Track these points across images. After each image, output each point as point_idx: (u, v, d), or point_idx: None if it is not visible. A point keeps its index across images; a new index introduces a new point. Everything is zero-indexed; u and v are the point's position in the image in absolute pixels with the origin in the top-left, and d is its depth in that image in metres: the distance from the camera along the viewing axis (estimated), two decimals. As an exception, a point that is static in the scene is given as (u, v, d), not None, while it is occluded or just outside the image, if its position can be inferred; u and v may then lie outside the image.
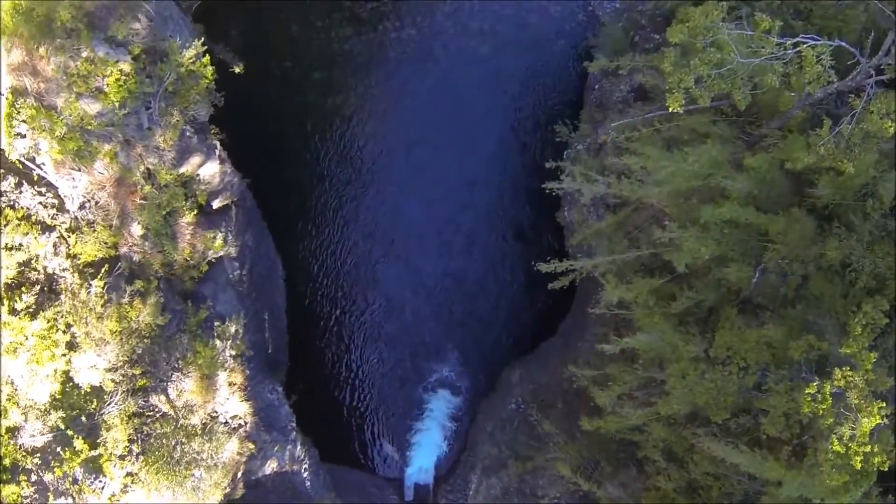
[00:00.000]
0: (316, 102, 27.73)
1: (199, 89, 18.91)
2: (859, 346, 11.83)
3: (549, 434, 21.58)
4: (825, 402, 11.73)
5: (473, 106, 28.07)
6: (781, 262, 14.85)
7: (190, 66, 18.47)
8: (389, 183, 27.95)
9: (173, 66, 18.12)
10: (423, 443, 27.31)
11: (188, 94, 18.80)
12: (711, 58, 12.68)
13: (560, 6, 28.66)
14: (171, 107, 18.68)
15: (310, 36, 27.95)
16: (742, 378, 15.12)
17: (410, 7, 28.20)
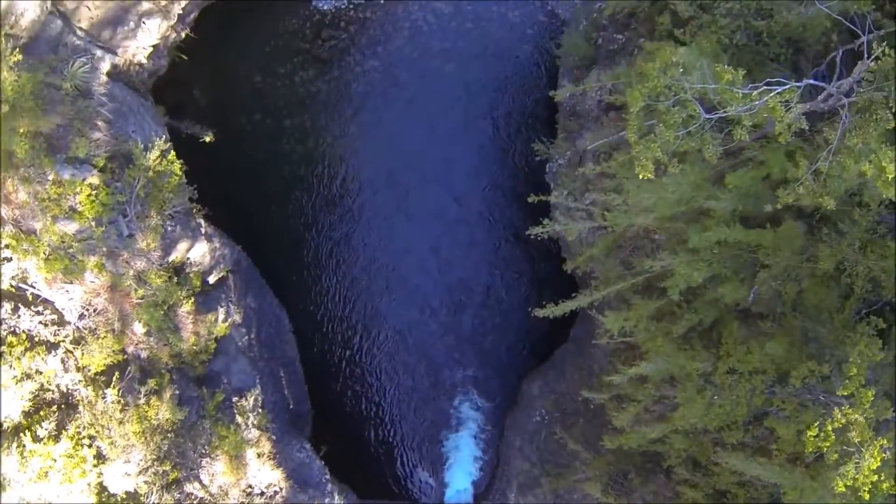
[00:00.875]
0: (292, 150, 27.68)
1: (170, 187, 18.98)
2: (856, 385, 11.97)
3: (575, 451, 21.96)
4: (829, 439, 11.94)
5: (448, 124, 27.93)
6: (774, 285, 14.91)
7: (157, 166, 18.50)
8: (377, 214, 27.99)
9: (140, 171, 18.18)
10: (456, 463, 27.84)
11: (161, 194, 18.87)
12: (676, 118, 12.54)
13: (518, 11, 28.24)
14: (148, 208, 18.79)
15: (274, 84, 27.75)
16: (750, 399, 15.33)
17: (368, 38, 27.90)
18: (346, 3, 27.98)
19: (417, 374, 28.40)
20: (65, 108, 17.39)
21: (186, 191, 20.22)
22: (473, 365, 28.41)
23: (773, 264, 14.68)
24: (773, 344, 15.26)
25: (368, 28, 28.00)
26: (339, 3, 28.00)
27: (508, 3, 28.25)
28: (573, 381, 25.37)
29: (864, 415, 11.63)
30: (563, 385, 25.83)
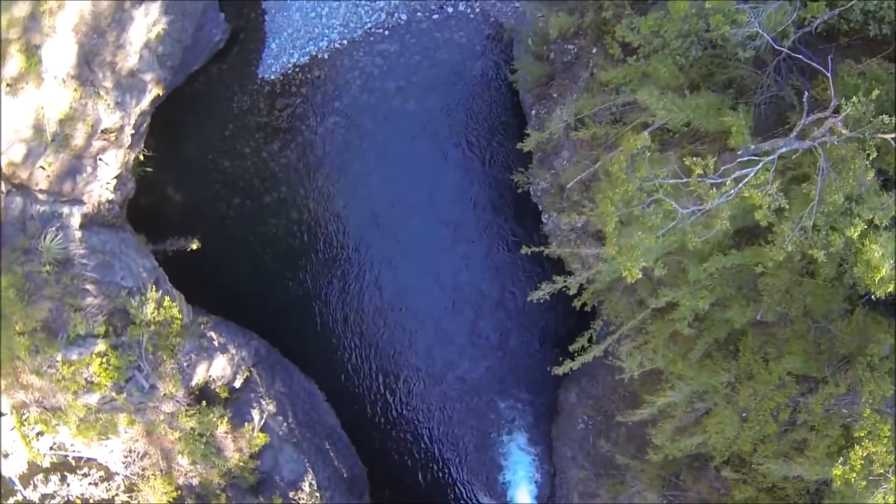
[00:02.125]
0: (278, 224, 27.72)
1: (175, 331, 19.23)
2: (872, 423, 12.13)
3: (625, 464, 22.46)
4: (855, 469, 12.18)
5: (423, 158, 27.80)
6: (779, 309, 14.99)
7: (156, 318, 18.73)
8: (376, 262, 28.08)
9: (142, 328, 18.43)
10: (515, 482, 28.50)
11: (168, 340, 19.14)
12: (655, 222, 12.43)
13: (463, 31, 27.74)
14: (160, 357, 19.09)
15: (244, 165, 27.66)
16: (777, 415, 15.58)
17: (323, 96, 27.60)
18: (291, 67, 27.61)
19: (456, 407, 28.86)
20: (52, 290, 17.56)
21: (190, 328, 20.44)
22: (506, 383, 28.82)
23: (772, 289, 14.72)
24: (791, 358, 15.43)
25: (320, 86, 27.68)
26: (283, 68, 27.64)
27: (451, 27, 27.76)
28: (607, 384, 25.77)
29: (885, 447, 11.86)
30: (598, 389, 26.23)
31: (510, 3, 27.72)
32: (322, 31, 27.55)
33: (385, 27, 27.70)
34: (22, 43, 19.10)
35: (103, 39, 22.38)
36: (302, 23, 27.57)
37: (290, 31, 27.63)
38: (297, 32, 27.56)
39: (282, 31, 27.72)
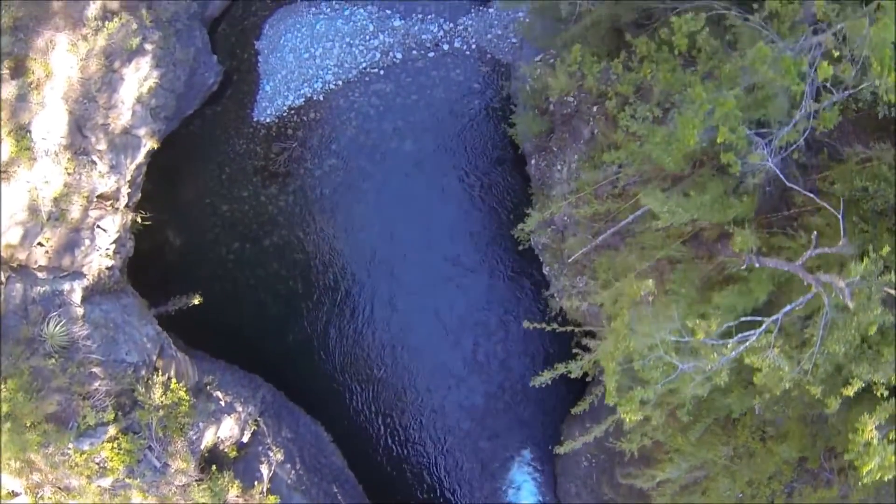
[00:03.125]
0: (279, 268, 27.69)
1: (183, 411, 19.35)
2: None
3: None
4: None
5: (421, 198, 27.63)
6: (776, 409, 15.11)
7: (164, 401, 18.85)
8: (379, 301, 28.06)
9: (151, 413, 18.55)
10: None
11: (177, 420, 19.28)
12: (655, 375, 12.44)
13: (459, 69, 27.37)
14: (170, 437, 19.25)
15: (242, 209, 27.51)
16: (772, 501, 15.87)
17: (319, 138, 27.33)
18: (286, 109, 27.28)
19: (456, 438, 29.15)
20: (59, 381, 17.62)
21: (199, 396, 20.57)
22: (509, 415, 29.11)
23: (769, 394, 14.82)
24: (786, 446, 15.63)
25: (316, 128, 27.39)
26: (278, 111, 27.31)
27: (447, 64, 27.38)
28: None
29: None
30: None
31: (507, 40, 27.31)
32: (316, 72, 27.16)
33: (380, 66, 27.31)
34: (11, 126, 18.83)
35: (94, 104, 22.07)
36: (296, 64, 27.16)
37: (283, 73, 27.24)
38: (290, 74, 27.16)
39: (275, 73, 27.33)
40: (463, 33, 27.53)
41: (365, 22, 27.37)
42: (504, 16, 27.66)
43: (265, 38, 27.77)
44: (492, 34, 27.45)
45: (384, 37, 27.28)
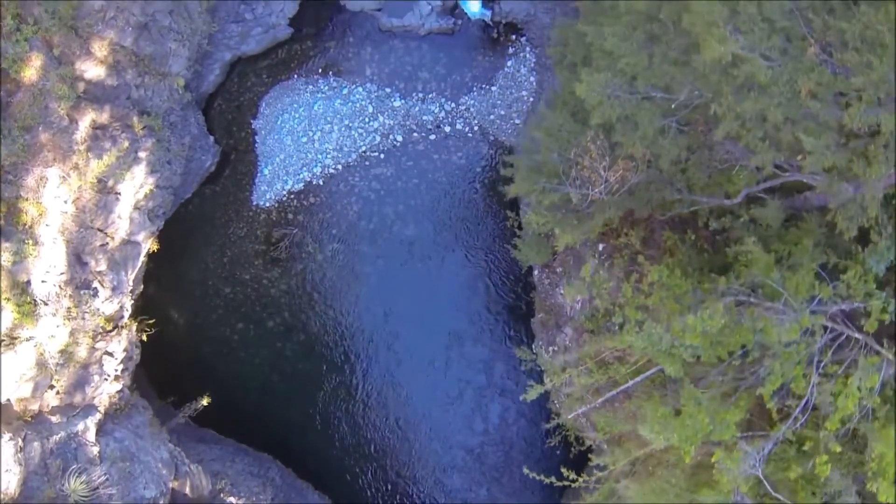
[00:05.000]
0: (283, 348, 28.03)
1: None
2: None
3: None
4: None
5: (423, 281, 27.59)
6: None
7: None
8: (379, 376, 28.35)
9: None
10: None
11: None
12: None
13: (461, 152, 26.84)
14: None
15: (245, 291, 27.60)
16: None
17: (320, 223, 27.10)
18: (285, 194, 26.93)
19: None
20: (81, 540, 18.36)
21: None
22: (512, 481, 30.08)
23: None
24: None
25: (316, 212, 27.12)
26: (277, 195, 26.97)
27: (449, 147, 26.84)
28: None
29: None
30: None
31: (510, 121, 26.69)
32: (315, 156, 26.65)
33: (380, 150, 26.78)
34: (10, 293, 18.76)
35: (91, 230, 21.84)
36: (294, 148, 26.61)
37: (282, 157, 26.72)
38: (289, 158, 26.66)
39: (274, 156, 26.81)
40: (465, 114, 26.84)
41: (364, 102, 26.62)
42: (507, 95, 26.93)
43: (262, 118, 27.07)
44: (494, 115, 26.79)
45: (384, 118, 26.61)
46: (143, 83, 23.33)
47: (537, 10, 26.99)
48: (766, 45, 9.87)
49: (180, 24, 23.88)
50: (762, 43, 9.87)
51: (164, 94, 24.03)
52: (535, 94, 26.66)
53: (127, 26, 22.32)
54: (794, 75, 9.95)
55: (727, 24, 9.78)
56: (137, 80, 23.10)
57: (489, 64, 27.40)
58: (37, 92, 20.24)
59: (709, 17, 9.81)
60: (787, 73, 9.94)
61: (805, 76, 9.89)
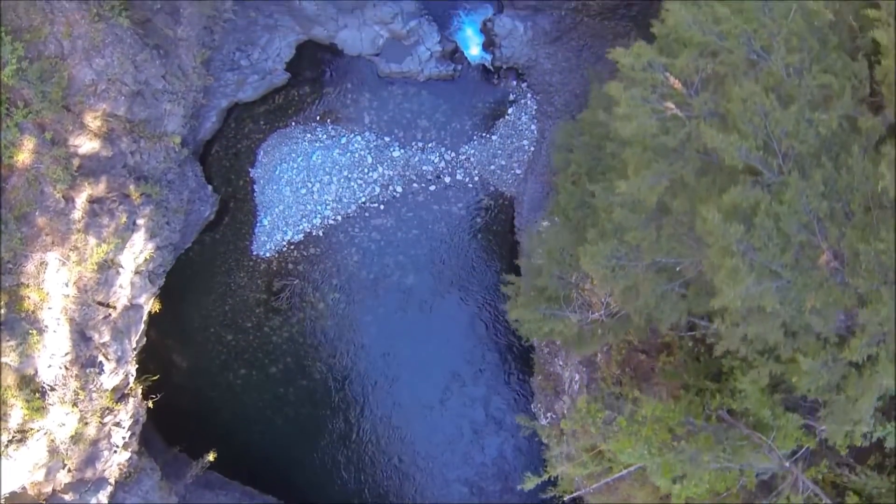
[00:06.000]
0: (286, 392, 28.38)
1: None
2: None
3: None
4: None
5: (424, 330, 27.69)
6: None
7: None
8: (382, 420, 28.73)
9: None
10: None
11: None
12: None
13: (461, 203, 26.63)
14: None
15: (246, 338, 27.81)
16: None
17: (320, 273, 27.11)
18: (285, 244, 26.85)
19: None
20: None
21: None
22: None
23: None
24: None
25: (317, 263, 27.10)
26: (277, 246, 26.90)
27: (449, 198, 26.63)
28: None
29: None
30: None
31: (510, 171, 26.42)
32: (314, 207, 26.47)
33: (380, 201, 26.58)
34: (17, 390, 18.95)
35: (93, 306, 21.89)
36: (293, 199, 26.41)
37: (281, 208, 26.55)
38: (288, 209, 26.49)
39: (273, 207, 26.63)
40: (465, 164, 26.54)
41: (363, 152, 26.30)
42: (508, 144, 26.57)
43: (260, 166, 26.79)
44: (495, 165, 26.49)
45: (383, 169, 26.34)
46: (139, 148, 23.01)
47: (539, 55, 26.40)
48: (780, 261, 9.78)
49: (174, 84, 23.40)
50: (776, 259, 9.78)
51: (161, 155, 23.72)
52: (537, 143, 26.32)
53: (119, 96, 21.88)
54: (801, 292, 9.91)
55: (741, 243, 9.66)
56: (132, 146, 22.78)
57: (490, 111, 26.95)
58: (31, 177, 20.00)
59: (724, 241, 9.68)
60: (796, 290, 9.89)
61: (813, 292, 9.85)
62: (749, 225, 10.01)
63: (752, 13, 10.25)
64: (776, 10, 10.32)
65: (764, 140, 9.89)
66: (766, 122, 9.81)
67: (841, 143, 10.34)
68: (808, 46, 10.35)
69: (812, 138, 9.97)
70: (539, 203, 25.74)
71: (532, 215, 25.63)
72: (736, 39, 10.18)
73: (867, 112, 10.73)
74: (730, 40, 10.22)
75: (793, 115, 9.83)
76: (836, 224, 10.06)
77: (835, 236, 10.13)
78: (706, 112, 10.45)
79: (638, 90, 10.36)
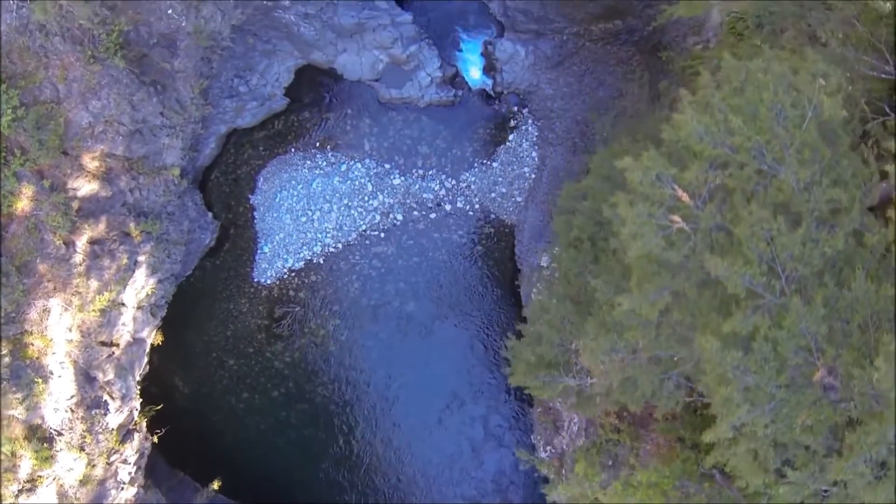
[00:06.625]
0: (289, 416, 28.57)
1: None
2: None
3: None
4: None
5: (424, 356, 27.77)
6: None
7: None
8: (384, 444, 28.89)
9: None
10: None
11: None
12: None
13: (462, 230, 26.57)
14: None
15: (248, 363, 27.95)
16: None
17: (321, 300, 27.14)
18: (286, 272, 26.85)
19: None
20: None
21: None
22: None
23: None
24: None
25: (318, 290, 27.12)
26: (278, 273, 26.90)
27: (449, 226, 26.56)
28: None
29: None
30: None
31: (511, 198, 26.31)
32: (315, 235, 26.41)
33: (380, 229, 26.51)
34: (28, 443, 19.11)
35: (97, 347, 21.98)
36: (293, 227, 26.34)
37: (281, 236, 26.49)
38: (289, 237, 26.44)
39: (273, 235, 26.57)
40: (466, 191, 26.42)
41: (363, 180, 26.15)
42: (509, 171, 26.41)
43: (260, 193, 26.66)
44: (496, 192, 26.37)
45: (384, 197, 26.22)
46: (138, 185, 22.88)
47: (540, 80, 26.12)
48: (775, 383, 9.82)
49: (172, 119, 23.17)
50: (771, 381, 9.82)
51: (160, 189, 23.59)
52: (538, 170, 26.17)
53: (117, 136, 21.70)
54: (794, 410, 9.97)
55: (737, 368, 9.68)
56: (131, 183, 22.65)
57: (490, 137, 26.74)
58: (31, 225, 19.92)
59: (720, 368, 9.69)
60: (789, 408, 9.95)
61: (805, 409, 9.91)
62: (747, 349, 10.02)
63: (765, 122, 10.11)
64: (790, 118, 10.18)
65: (768, 264, 9.85)
66: (773, 246, 9.75)
67: (845, 258, 10.29)
68: (820, 157, 10.24)
69: (817, 258, 9.92)
70: (540, 232, 25.69)
71: (533, 244, 25.61)
72: (748, 153, 10.06)
73: (874, 222, 10.66)
74: (741, 154, 10.11)
75: (799, 237, 9.77)
76: (834, 344, 10.07)
77: (831, 356, 10.14)
78: (712, 225, 10.38)
79: (645, 206, 10.27)
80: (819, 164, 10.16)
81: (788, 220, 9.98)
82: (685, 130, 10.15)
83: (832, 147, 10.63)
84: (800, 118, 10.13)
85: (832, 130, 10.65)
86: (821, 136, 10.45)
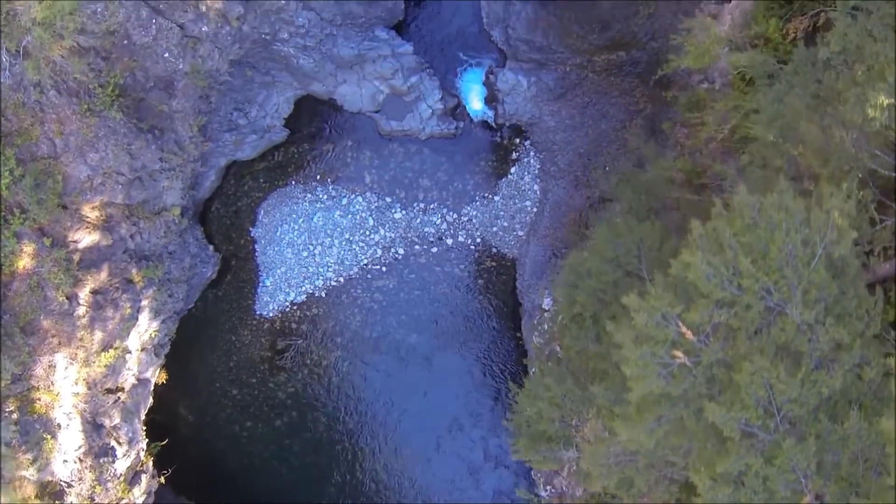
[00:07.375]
0: (292, 444, 28.79)
1: None
2: None
3: None
4: None
5: (426, 387, 27.83)
6: None
7: None
8: (386, 471, 29.35)
9: None
10: None
11: None
12: None
13: (464, 263, 26.50)
14: None
15: (252, 393, 28.17)
16: None
17: (323, 332, 27.21)
18: (288, 305, 26.90)
19: None
20: None
21: None
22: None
23: None
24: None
25: (319, 322, 27.19)
26: (280, 306, 26.94)
27: (451, 260, 26.50)
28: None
29: None
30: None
31: (513, 232, 26.20)
32: (317, 269, 26.39)
33: (382, 263, 26.46)
34: (39, 499, 19.35)
35: (102, 395, 22.14)
36: (295, 261, 26.31)
37: (283, 269, 26.47)
38: (290, 271, 26.42)
39: (275, 268, 26.55)
40: (467, 225, 26.29)
41: (364, 214, 26.02)
42: (511, 205, 26.25)
43: (260, 226, 26.56)
44: (497, 226, 26.25)
45: (385, 231, 26.12)
46: (138, 230, 22.79)
47: (542, 112, 25.81)
48: None
49: (171, 161, 22.98)
50: None
51: (161, 230, 23.51)
52: (539, 203, 26.00)
53: (116, 185, 21.54)
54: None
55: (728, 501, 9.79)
56: (132, 229, 22.55)
57: (492, 170, 26.52)
58: (33, 283, 19.89)
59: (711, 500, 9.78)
60: None
61: None
62: (738, 482, 10.11)
63: (775, 262, 10.03)
64: (799, 258, 10.09)
65: (765, 407, 9.88)
66: (771, 392, 9.76)
67: (842, 392, 10.30)
68: (827, 294, 10.18)
69: (813, 398, 9.94)
70: (541, 267, 25.63)
71: (534, 281, 25.57)
72: (755, 294, 10.01)
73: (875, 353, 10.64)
74: (748, 295, 10.05)
75: (798, 382, 9.77)
76: (823, 475, 10.15)
77: (819, 486, 10.24)
78: (714, 360, 10.37)
79: (649, 347, 10.26)
80: (824, 301, 10.11)
81: (788, 362, 9.97)
82: (694, 273, 10.08)
83: (840, 279, 10.56)
84: (810, 256, 10.05)
85: (842, 258, 10.56)
86: (829, 268, 10.37)
